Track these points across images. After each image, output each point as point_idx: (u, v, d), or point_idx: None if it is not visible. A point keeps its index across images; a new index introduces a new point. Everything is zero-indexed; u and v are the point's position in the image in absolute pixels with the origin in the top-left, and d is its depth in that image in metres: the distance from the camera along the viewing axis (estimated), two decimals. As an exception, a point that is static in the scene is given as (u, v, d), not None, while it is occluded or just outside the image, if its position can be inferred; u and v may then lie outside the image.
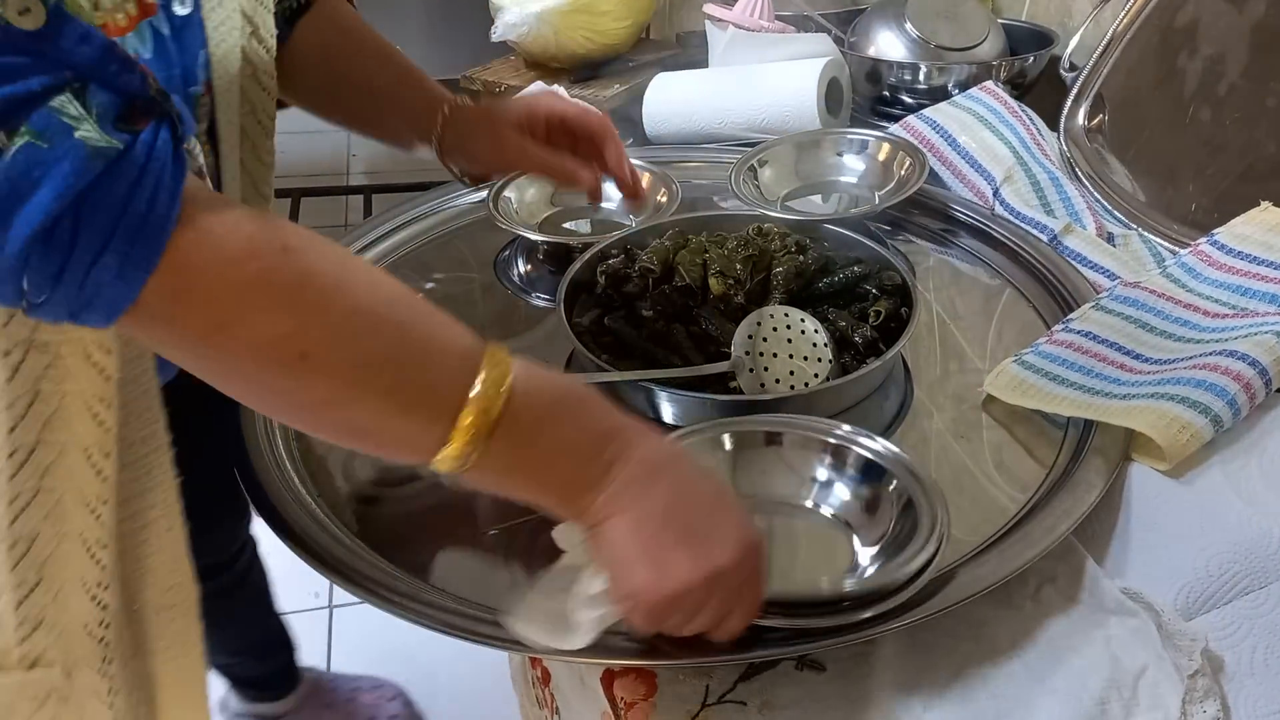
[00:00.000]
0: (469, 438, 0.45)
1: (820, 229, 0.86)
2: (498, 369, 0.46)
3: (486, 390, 0.45)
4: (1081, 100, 1.04)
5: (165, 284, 0.41)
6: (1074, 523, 0.59)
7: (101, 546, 0.55)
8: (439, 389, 0.45)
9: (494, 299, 0.90)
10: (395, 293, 0.47)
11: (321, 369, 0.44)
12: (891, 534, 0.59)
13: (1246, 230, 0.80)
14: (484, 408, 0.45)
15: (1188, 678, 0.53)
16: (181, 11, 0.56)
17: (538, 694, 0.73)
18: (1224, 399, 0.63)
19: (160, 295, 0.41)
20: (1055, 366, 0.71)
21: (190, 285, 0.42)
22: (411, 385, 0.45)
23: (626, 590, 0.48)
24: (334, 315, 0.44)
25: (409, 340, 0.45)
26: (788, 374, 0.72)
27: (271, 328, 0.42)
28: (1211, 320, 0.73)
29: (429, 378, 0.45)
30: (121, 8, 0.51)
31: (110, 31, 0.50)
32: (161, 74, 0.55)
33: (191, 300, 0.42)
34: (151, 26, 0.53)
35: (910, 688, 0.53)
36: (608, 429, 0.49)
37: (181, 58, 0.57)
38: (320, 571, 0.58)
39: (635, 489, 0.48)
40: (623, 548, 0.48)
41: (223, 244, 0.42)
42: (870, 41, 1.22)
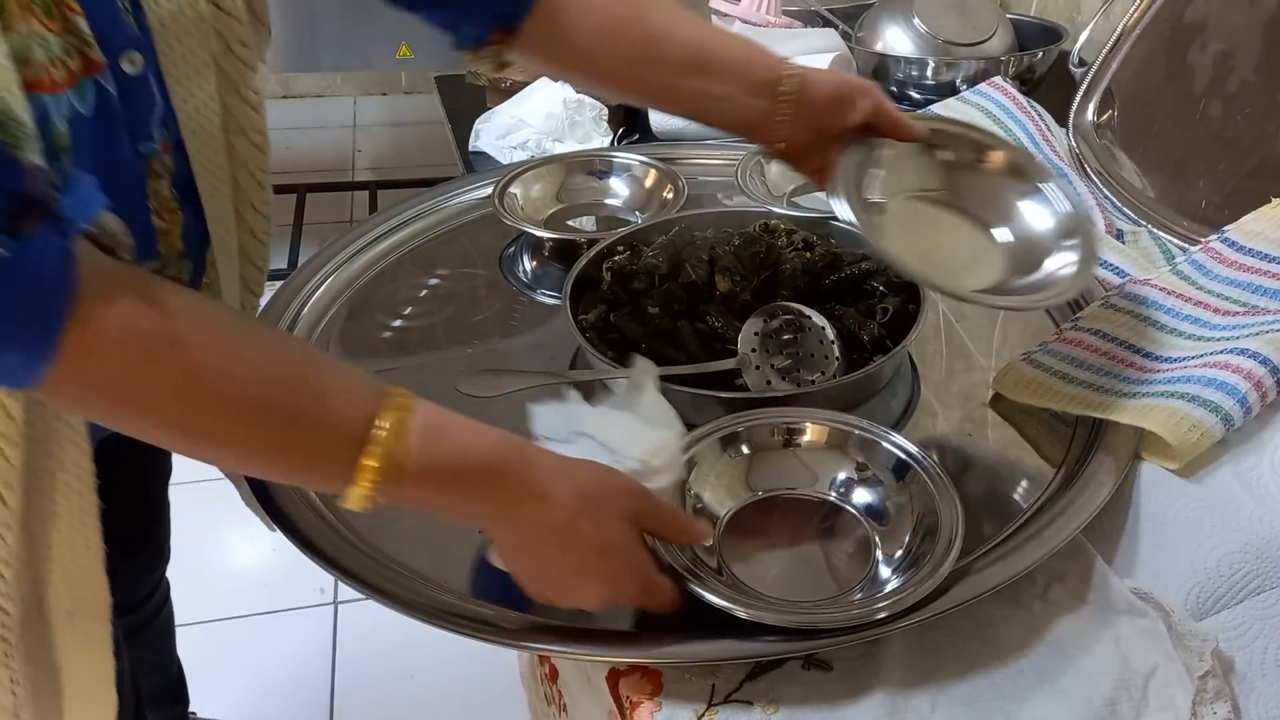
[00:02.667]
0: (364, 496, 0.48)
1: (828, 225, 0.85)
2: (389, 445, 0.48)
3: (374, 467, 0.48)
4: (1090, 96, 1.04)
5: (63, 377, 0.43)
6: (1083, 521, 0.59)
7: (5, 564, 0.58)
8: (329, 466, 0.49)
9: (499, 295, 0.90)
10: (288, 370, 0.49)
11: (215, 449, 0.49)
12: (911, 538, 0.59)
13: (1258, 227, 0.79)
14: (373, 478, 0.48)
15: (1198, 678, 0.52)
16: (131, 70, 0.55)
17: (546, 690, 0.73)
18: (1235, 397, 0.63)
19: (61, 383, 0.44)
20: (1064, 365, 0.70)
21: (85, 380, 0.44)
22: (304, 464, 0.50)
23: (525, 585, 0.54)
24: (221, 410, 0.47)
25: (301, 425, 0.49)
26: (794, 371, 0.71)
27: (160, 417, 0.47)
28: (1223, 318, 0.73)
29: (320, 459, 0.49)
30: (60, 62, 0.49)
31: (44, 88, 0.49)
32: (103, 132, 0.54)
33: (87, 391, 0.45)
34: (96, 84, 0.52)
35: (918, 687, 0.53)
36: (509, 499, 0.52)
37: (130, 116, 0.56)
38: (325, 568, 0.58)
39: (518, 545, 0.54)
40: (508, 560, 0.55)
41: (112, 344, 0.44)
42: (878, 36, 1.21)
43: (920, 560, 0.56)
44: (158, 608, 1.08)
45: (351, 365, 0.53)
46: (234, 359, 0.47)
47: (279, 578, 1.60)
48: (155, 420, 0.47)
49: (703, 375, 0.70)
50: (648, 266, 0.80)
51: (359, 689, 1.47)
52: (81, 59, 0.51)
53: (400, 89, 3.24)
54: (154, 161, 0.59)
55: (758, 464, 0.64)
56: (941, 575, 0.54)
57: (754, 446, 0.65)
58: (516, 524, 0.53)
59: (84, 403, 0.47)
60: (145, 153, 0.58)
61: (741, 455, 0.64)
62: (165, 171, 0.60)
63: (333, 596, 1.60)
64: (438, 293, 0.90)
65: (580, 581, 0.53)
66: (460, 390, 0.69)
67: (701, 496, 0.62)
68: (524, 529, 0.53)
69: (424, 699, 1.44)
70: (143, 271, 0.47)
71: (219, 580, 1.59)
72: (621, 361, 0.72)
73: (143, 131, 0.57)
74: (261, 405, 0.47)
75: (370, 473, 0.48)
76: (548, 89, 1.19)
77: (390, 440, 0.48)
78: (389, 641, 1.50)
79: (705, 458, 0.63)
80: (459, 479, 0.51)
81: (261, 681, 1.48)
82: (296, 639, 1.54)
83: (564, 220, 0.97)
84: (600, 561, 0.53)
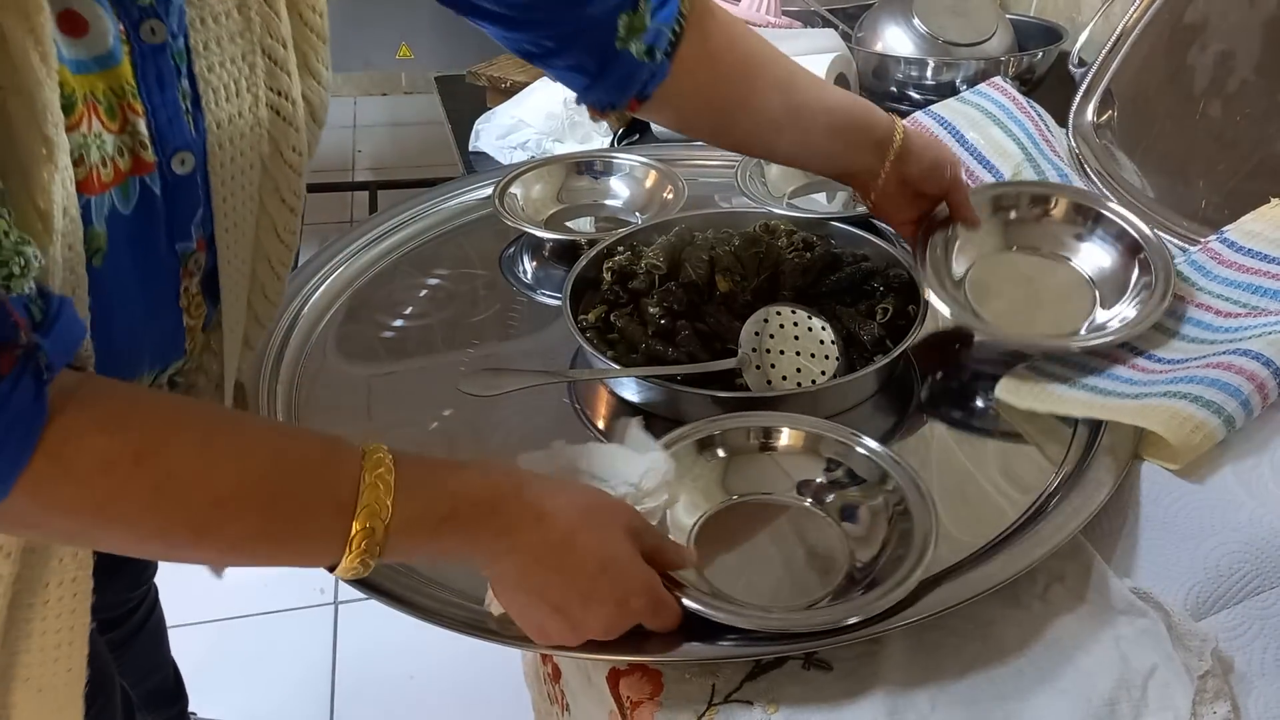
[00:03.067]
0: (357, 563, 0.48)
1: (827, 226, 0.85)
2: (376, 507, 0.48)
3: (365, 533, 0.48)
4: (1090, 96, 1.04)
5: (23, 505, 0.43)
6: (1083, 521, 0.59)
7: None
8: (316, 547, 0.49)
9: (499, 296, 0.90)
10: (264, 459, 0.48)
11: (193, 551, 0.47)
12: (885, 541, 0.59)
13: (1257, 227, 0.79)
14: (365, 548, 0.48)
15: (1198, 678, 0.53)
16: (181, 171, 0.53)
17: (549, 690, 0.73)
18: (1238, 399, 0.63)
19: (20, 513, 0.43)
20: (1066, 370, 0.70)
21: (47, 504, 0.43)
22: (286, 552, 0.50)
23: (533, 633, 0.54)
24: (191, 516, 0.46)
25: (277, 514, 0.48)
26: (794, 371, 0.71)
27: (129, 532, 0.46)
28: (1224, 320, 0.73)
29: (304, 542, 0.49)
30: (110, 161, 0.49)
31: (92, 188, 0.48)
32: (141, 232, 0.52)
33: (51, 514, 0.44)
34: (142, 183, 0.51)
35: (917, 687, 0.53)
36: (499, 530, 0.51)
37: (171, 215, 0.54)
38: (326, 568, 0.58)
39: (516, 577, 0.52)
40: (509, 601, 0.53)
41: (72, 467, 0.43)
42: (878, 37, 1.22)
43: (895, 564, 0.56)
44: (144, 617, 1.08)
45: (325, 434, 0.52)
46: (201, 457, 0.46)
47: (279, 578, 1.60)
48: (129, 535, 0.46)
49: (703, 375, 0.70)
50: (648, 267, 0.80)
51: (359, 689, 1.47)
52: (132, 159, 0.50)
53: (400, 89, 3.25)
54: (189, 260, 0.57)
55: (734, 468, 0.64)
56: (911, 584, 0.53)
57: (730, 450, 0.65)
58: (518, 552, 0.51)
59: (41, 532, 0.47)
60: (181, 252, 0.56)
61: (718, 459, 0.64)
62: (197, 269, 0.58)
63: (333, 597, 1.60)
64: (438, 293, 0.90)
65: (587, 606, 0.52)
66: (460, 390, 0.69)
67: (677, 500, 0.62)
68: (524, 557, 0.52)
69: (424, 699, 1.44)
70: (106, 383, 0.46)
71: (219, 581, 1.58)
72: (622, 362, 0.72)
73: (183, 231, 0.56)
74: (237, 500, 0.46)
75: (362, 537, 0.47)
76: (548, 89, 1.19)
77: (375, 502, 0.48)
78: (389, 642, 1.50)
79: (682, 461, 0.62)
80: (455, 518, 0.50)
81: (262, 682, 1.48)
82: (297, 639, 1.55)
83: (564, 221, 0.97)
84: (605, 579, 0.52)
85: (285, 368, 0.78)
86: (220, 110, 0.54)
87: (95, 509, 0.44)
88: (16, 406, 0.41)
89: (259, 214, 0.61)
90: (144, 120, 0.49)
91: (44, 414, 0.42)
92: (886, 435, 0.71)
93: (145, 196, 0.51)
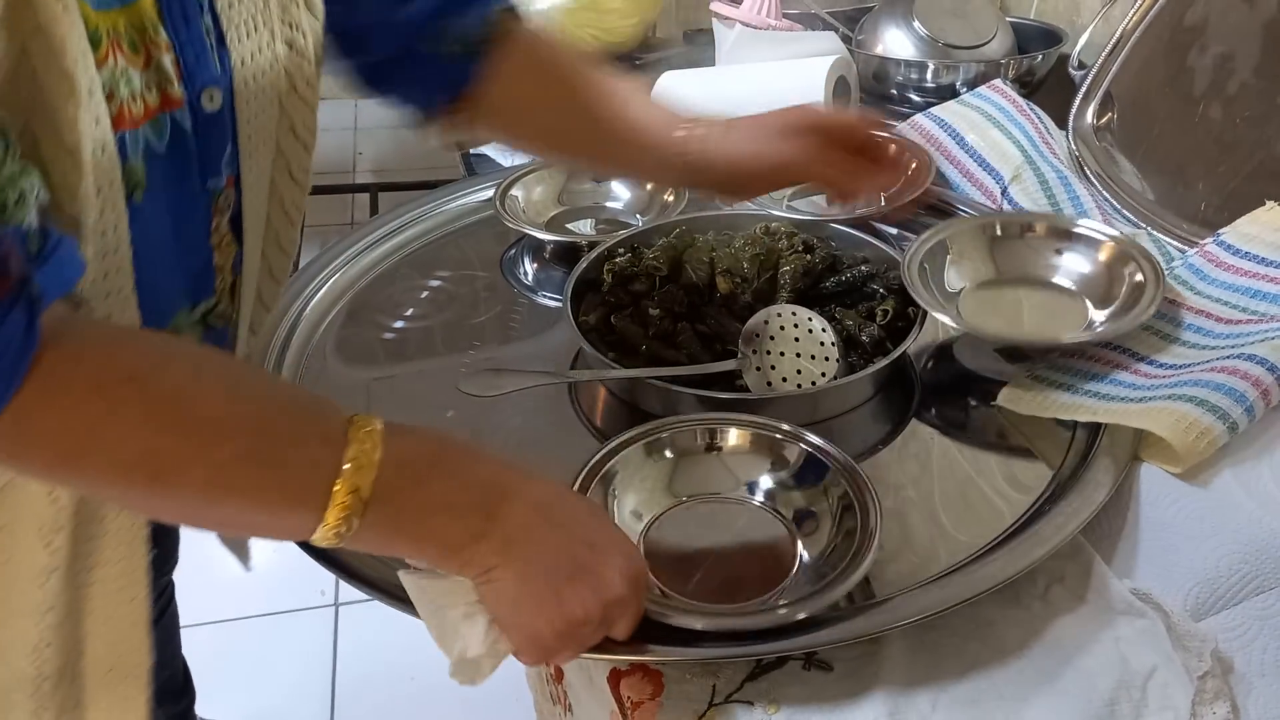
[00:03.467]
0: (341, 517, 0.46)
1: (827, 228, 0.86)
2: (365, 446, 0.46)
3: (354, 473, 0.46)
4: (1090, 99, 1.04)
5: (8, 432, 0.42)
6: (1082, 521, 0.59)
7: (46, 610, 0.56)
8: (303, 481, 0.46)
9: (500, 298, 0.90)
10: (253, 389, 0.48)
11: (177, 485, 0.45)
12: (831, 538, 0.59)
13: (1253, 230, 0.79)
14: (353, 489, 0.46)
15: (1197, 679, 0.53)
16: (210, 108, 0.54)
17: (552, 690, 0.74)
18: (1242, 405, 0.63)
19: (6, 440, 0.43)
20: (1067, 376, 0.70)
21: (32, 431, 0.43)
22: (274, 483, 0.47)
23: (523, 632, 0.50)
24: (182, 432, 0.45)
25: (267, 439, 0.46)
26: (794, 373, 0.71)
27: (116, 454, 0.44)
28: (1224, 326, 0.73)
29: (292, 472, 0.47)
30: (140, 97, 0.49)
31: (123, 124, 0.49)
32: (176, 168, 0.53)
33: (35, 441, 0.43)
34: (172, 120, 0.52)
35: (918, 687, 0.53)
36: (486, 480, 0.50)
37: (202, 154, 0.55)
38: (327, 568, 0.58)
39: (520, 535, 0.49)
40: (516, 592, 0.49)
41: (64, 389, 0.43)
42: (878, 39, 1.22)
43: (841, 558, 0.56)
44: (161, 610, 1.08)
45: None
46: (192, 381, 0.46)
47: (280, 579, 1.59)
48: (114, 463, 0.44)
49: (703, 376, 0.71)
50: (649, 268, 0.80)
51: (360, 691, 1.47)
52: (160, 95, 0.50)
53: (401, 91, 3.25)
54: (219, 198, 0.58)
55: (681, 469, 0.64)
56: (857, 579, 0.54)
57: (678, 451, 0.65)
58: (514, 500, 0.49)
59: (20, 465, 0.46)
60: (213, 189, 0.57)
61: (665, 460, 0.64)
62: (227, 207, 0.59)
63: (334, 598, 1.60)
64: (438, 295, 0.90)
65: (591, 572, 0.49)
66: (461, 390, 0.69)
67: (625, 502, 0.62)
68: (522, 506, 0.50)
69: (425, 700, 1.44)
70: (97, 321, 0.47)
71: (220, 582, 1.57)
72: (622, 363, 0.72)
73: (214, 168, 0.56)
74: (229, 420, 0.46)
75: (350, 477, 0.46)
76: (549, 92, 1.19)
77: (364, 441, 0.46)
78: (390, 643, 1.50)
79: (629, 463, 0.63)
80: (443, 461, 0.49)
81: (263, 683, 1.48)
82: (298, 640, 1.55)
83: (565, 223, 0.97)
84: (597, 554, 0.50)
85: (286, 370, 0.78)
86: (243, 47, 0.55)
87: (85, 431, 0.43)
88: (7, 335, 0.41)
89: (275, 154, 0.62)
90: (169, 56, 0.50)
91: (35, 343, 0.42)
92: (886, 436, 0.71)
93: (177, 133, 0.52)
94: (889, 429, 0.71)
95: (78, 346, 0.44)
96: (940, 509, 0.64)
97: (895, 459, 0.69)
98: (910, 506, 0.64)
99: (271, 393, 0.48)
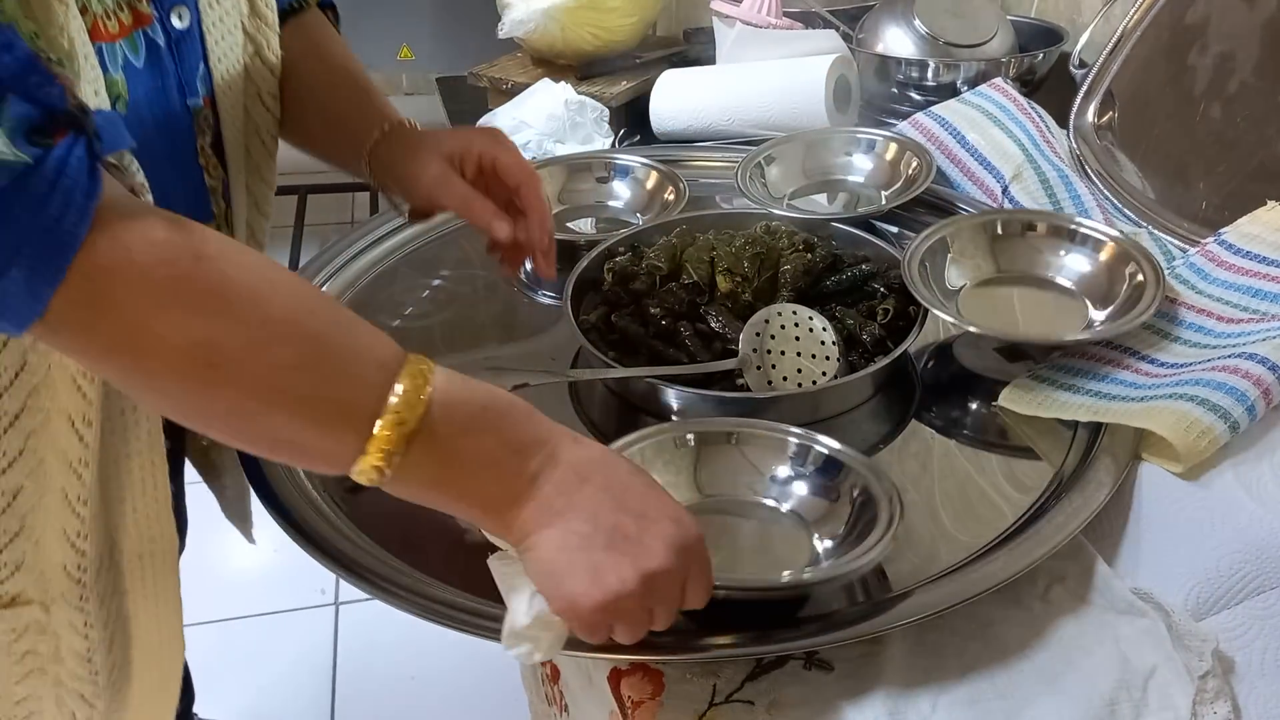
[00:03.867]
0: (385, 449, 0.45)
1: (828, 227, 0.85)
2: (416, 380, 0.45)
3: (403, 402, 0.45)
4: (1091, 97, 1.04)
5: (74, 296, 0.41)
6: (1083, 521, 0.59)
7: (82, 502, 0.57)
8: (353, 399, 0.45)
9: (500, 297, 0.90)
10: (316, 303, 0.47)
11: (232, 379, 0.44)
12: (848, 529, 0.58)
13: (1254, 230, 0.79)
14: (399, 419, 0.45)
15: (1198, 678, 0.53)
16: (179, 25, 0.58)
17: (547, 691, 0.73)
18: (1244, 404, 0.63)
19: (70, 306, 0.41)
20: (1068, 376, 0.70)
21: (99, 295, 0.42)
22: (325, 395, 0.45)
23: (561, 603, 0.48)
24: (245, 324, 0.44)
25: (324, 350, 0.46)
26: (795, 372, 0.71)
27: (179, 335, 0.43)
28: (1225, 325, 0.73)
29: (343, 388, 0.45)
30: (114, 15, 0.52)
31: (100, 37, 0.51)
32: (156, 84, 0.56)
33: (101, 309, 0.42)
34: (145, 36, 0.55)
35: (918, 688, 0.53)
36: (532, 439, 0.48)
37: (179, 70, 0.59)
38: (327, 566, 0.58)
39: (561, 499, 0.48)
40: (551, 561, 0.47)
41: (133, 253, 0.42)
42: (878, 38, 1.22)
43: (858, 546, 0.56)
44: None
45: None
46: (261, 278, 0.45)
47: (280, 579, 1.60)
48: (164, 347, 0.43)
49: (704, 376, 0.71)
50: (649, 267, 0.80)
51: (360, 690, 1.48)
52: (132, 12, 0.54)
53: (401, 90, 3.25)
54: (199, 117, 0.62)
55: (691, 469, 0.63)
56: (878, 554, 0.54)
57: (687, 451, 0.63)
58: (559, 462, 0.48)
59: (86, 334, 0.43)
60: (193, 108, 0.61)
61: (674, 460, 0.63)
62: (208, 128, 0.63)
63: (334, 597, 1.60)
64: (439, 294, 0.90)
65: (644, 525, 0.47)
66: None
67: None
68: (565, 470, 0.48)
69: (425, 700, 1.44)
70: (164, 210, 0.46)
71: (220, 581, 1.59)
72: (623, 362, 0.72)
73: (190, 87, 0.60)
74: (290, 323, 0.45)
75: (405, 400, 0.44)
76: (549, 90, 1.19)
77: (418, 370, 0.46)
78: (390, 642, 1.50)
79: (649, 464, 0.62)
80: (494, 407, 0.47)
81: (262, 683, 1.48)
82: (297, 640, 1.55)
83: (565, 222, 0.97)
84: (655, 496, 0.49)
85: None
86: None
87: (151, 304, 0.42)
88: (73, 174, 0.41)
89: (245, 80, 0.66)
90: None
91: (99, 188, 0.41)
92: (887, 436, 0.71)
93: (152, 49, 0.57)
94: (889, 428, 0.71)
95: (145, 218, 0.43)
96: (940, 509, 0.64)
97: (895, 459, 0.69)
98: (910, 506, 0.64)
99: (335, 312, 0.48)
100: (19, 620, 0.59)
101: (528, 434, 0.48)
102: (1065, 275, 0.80)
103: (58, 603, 0.60)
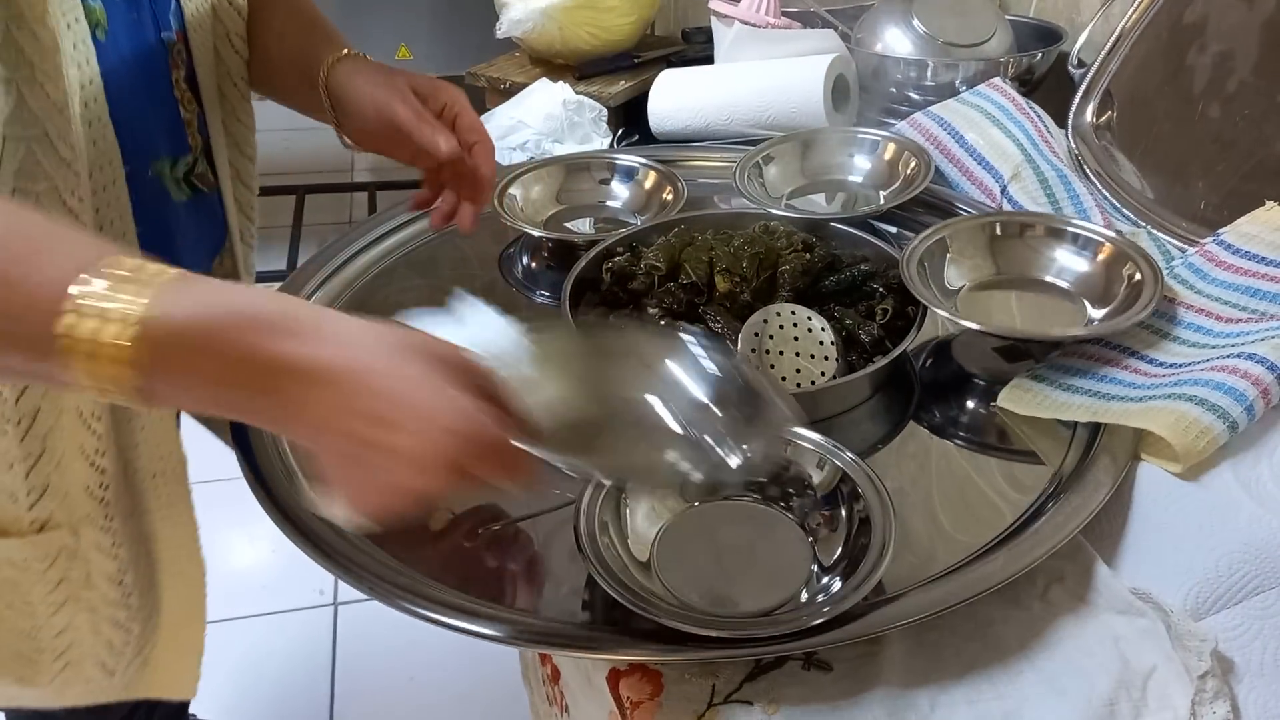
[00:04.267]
0: (93, 383, 0.41)
1: (827, 227, 0.85)
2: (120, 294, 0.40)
3: (128, 269, 0.41)
4: (1090, 97, 1.04)
5: None
6: (1082, 521, 0.59)
7: (97, 418, 0.60)
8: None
9: (498, 297, 0.90)
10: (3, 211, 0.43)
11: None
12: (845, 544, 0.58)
13: (1253, 229, 0.79)
14: (89, 352, 0.40)
15: (1197, 678, 0.53)
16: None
17: (548, 691, 0.73)
18: (1242, 404, 0.63)
19: None
20: (1067, 376, 0.70)
21: None
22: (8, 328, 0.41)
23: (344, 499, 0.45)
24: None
25: (14, 228, 0.42)
26: (794, 372, 0.71)
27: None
28: (1225, 325, 0.73)
29: (18, 318, 0.41)
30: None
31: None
32: (131, 15, 0.60)
33: None
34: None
35: (917, 688, 0.53)
36: (263, 369, 0.42)
37: (151, 3, 0.63)
38: (326, 567, 0.58)
39: (312, 422, 0.43)
40: (329, 473, 0.45)
41: None
42: (877, 38, 1.21)
43: (856, 564, 0.55)
44: None
45: None
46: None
47: (279, 579, 1.60)
48: None
49: (702, 376, 0.70)
50: (647, 268, 0.80)
51: (359, 691, 1.47)
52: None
53: (400, 90, 3.25)
54: (173, 51, 0.65)
55: None
56: (872, 583, 0.53)
57: None
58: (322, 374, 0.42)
59: None
60: (167, 41, 0.65)
61: None
62: (181, 62, 0.67)
63: (333, 598, 1.60)
64: (437, 294, 0.90)
65: (425, 433, 0.42)
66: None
67: (637, 507, 0.61)
68: (333, 380, 0.42)
69: (424, 701, 1.44)
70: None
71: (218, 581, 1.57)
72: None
73: (164, 20, 0.64)
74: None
75: (121, 275, 0.40)
76: (547, 90, 1.19)
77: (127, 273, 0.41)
78: (389, 643, 1.50)
79: None
80: (228, 289, 0.43)
81: (261, 683, 1.48)
82: (296, 640, 1.55)
83: (563, 222, 0.97)
84: (440, 406, 0.43)
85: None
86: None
87: None
88: None
89: (214, 20, 0.70)
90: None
91: None
92: (885, 436, 0.71)
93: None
94: (888, 429, 0.71)
95: None
96: (940, 509, 0.64)
97: (894, 459, 0.69)
98: (909, 507, 0.64)
99: (20, 217, 0.43)
100: (50, 545, 0.62)
101: (294, 324, 0.43)
102: (1064, 276, 0.80)
103: (85, 525, 0.62)
